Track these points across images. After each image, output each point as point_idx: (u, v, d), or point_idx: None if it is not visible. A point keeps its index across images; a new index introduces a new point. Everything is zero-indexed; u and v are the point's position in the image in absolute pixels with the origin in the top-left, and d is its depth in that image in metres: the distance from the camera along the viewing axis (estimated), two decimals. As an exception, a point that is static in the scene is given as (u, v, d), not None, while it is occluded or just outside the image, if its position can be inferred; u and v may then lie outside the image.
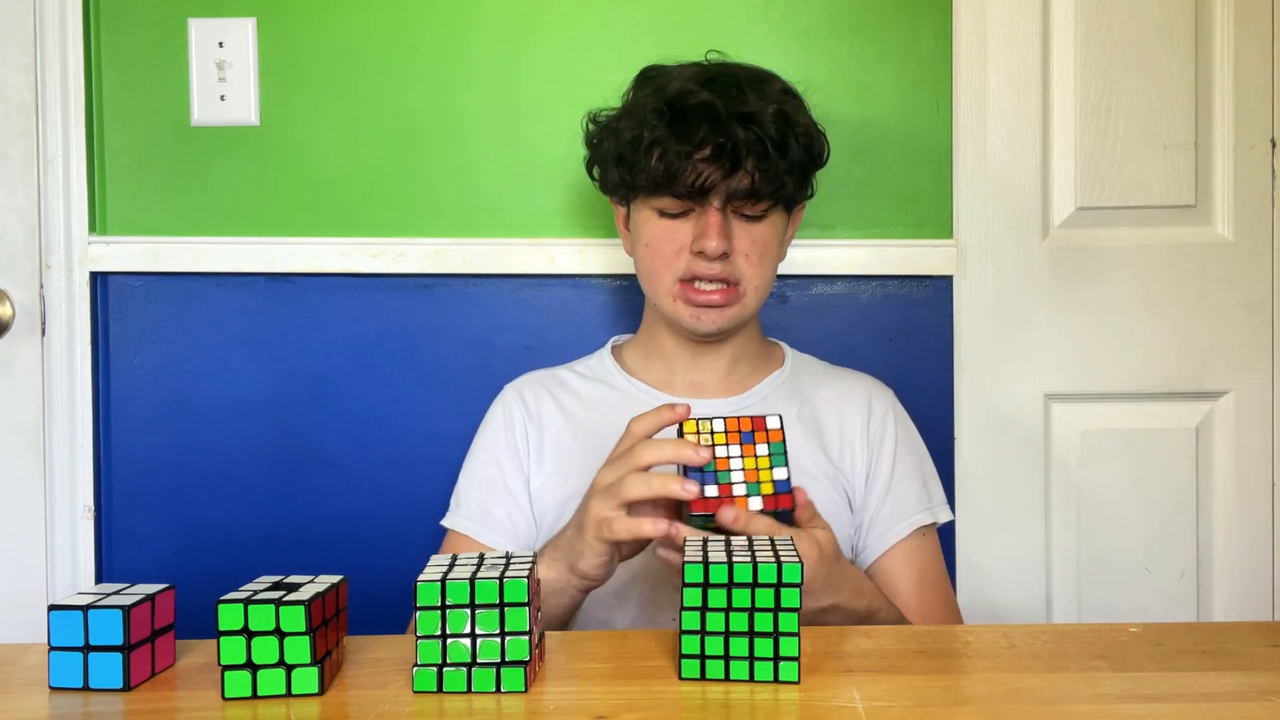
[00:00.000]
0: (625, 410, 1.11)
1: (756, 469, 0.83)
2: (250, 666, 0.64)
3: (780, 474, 0.83)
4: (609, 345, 1.20)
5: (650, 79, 1.09)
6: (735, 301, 1.05)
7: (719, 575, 0.65)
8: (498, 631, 0.64)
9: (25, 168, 1.31)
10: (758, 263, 1.05)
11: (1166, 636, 0.74)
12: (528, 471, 1.11)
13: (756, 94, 1.03)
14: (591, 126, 1.13)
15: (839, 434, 1.10)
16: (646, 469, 0.84)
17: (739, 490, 0.82)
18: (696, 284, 1.04)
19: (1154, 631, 0.75)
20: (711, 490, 0.82)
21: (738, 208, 1.03)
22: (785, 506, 0.83)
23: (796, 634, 0.65)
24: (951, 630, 0.79)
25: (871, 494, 1.09)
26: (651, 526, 0.82)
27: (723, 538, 0.73)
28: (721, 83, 1.04)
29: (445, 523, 1.12)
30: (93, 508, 1.32)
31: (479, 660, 0.64)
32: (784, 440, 0.84)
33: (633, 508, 0.84)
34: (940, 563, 1.11)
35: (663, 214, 1.05)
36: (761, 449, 0.84)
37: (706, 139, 1.00)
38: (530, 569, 0.66)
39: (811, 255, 1.33)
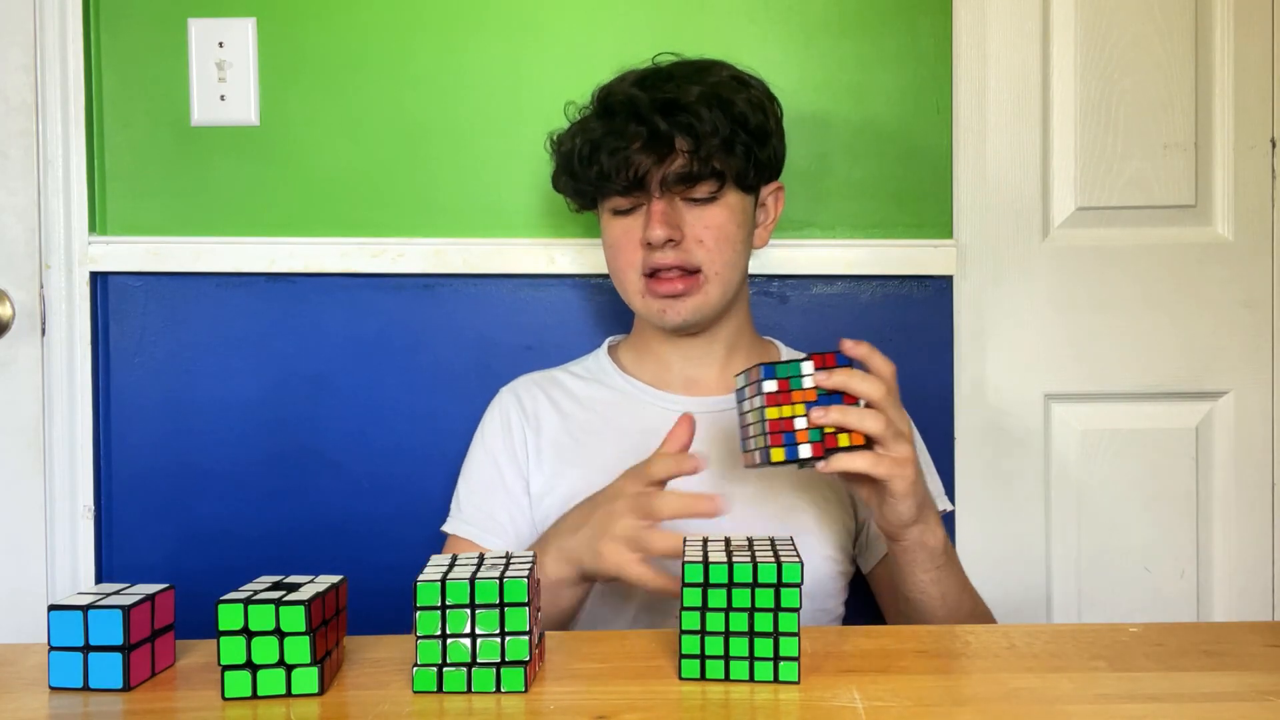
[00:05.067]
0: (622, 409, 1.12)
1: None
2: (250, 666, 0.64)
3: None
4: (605, 345, 1.20)
5: (594, 92, 1.12)
6: (697, 289, 1.05)
7: (719, 575, 0.65)
8: (498, 631, 0.64)
9: (25, 168, 1.31)
10: (715, 247, 1.05)
11: (1166, 636, 0.74)
12: (527, 474, 1.11)
13: (691, 82, 1.05)
14: (552, 146, 1.16)
15: None
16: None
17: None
18: (658, 275, 1.06)
19: (1154, 631, 0.75)
20: (805, 450, 0.83)
21: (682, 193, 1.04)
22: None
23: (796, 634, 0.65)
24: (951, 630, 0.79)
25: None
26: (660, 580, 0.86)
27: (723, 538, 0.73)
28: (653, 77, 1.07)
29: (446, 528, 1.12)
30: (92, 507, 1.32)
31: (479, 660, 0.64)
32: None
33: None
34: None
35: (616, 213, 1.07)
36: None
37: (635, 132, 1.03)
38: (530, 569, 0.66)
39: (811, 255, 1.33)
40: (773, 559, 0.65)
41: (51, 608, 0.67)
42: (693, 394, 1.12)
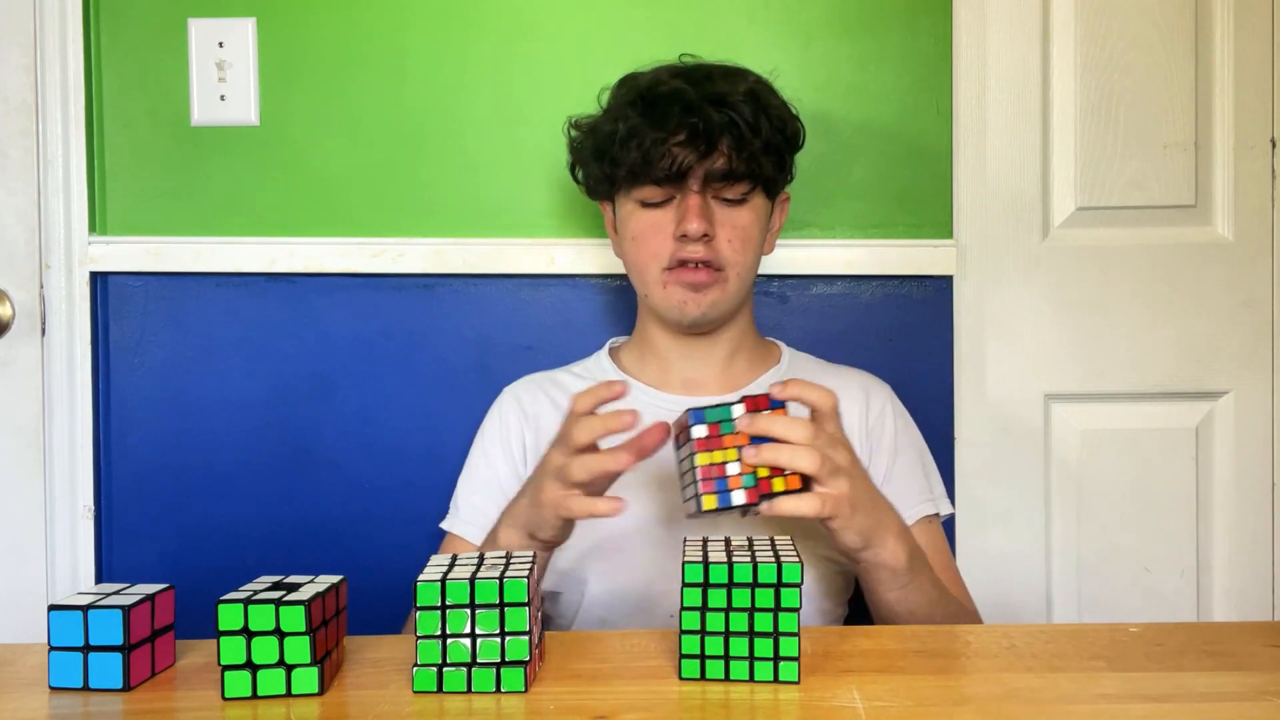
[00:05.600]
0: (620, 409, 1.12)
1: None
2: (250, 666, 0.64)
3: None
4: (606, 347, 1.20)
5: (625, 81, 1.11)
6: (717, 284, 1.06)
7: (719, 575, 0.65)
8: (498, 631, 0.64)
9: (25, 168, 1.31)
10: (740, 248, 1.06)
11: (1166, 636, 0.74)
12: (523, 474, 1.11)
13: (727, 81, 1.06)
14: (573, 132, 1.15)
15: None
16: (588, 448, 0.85)
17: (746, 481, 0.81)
18: (683, 265, 1.05)
19: (1154, 631, 0.75)
20: (739, 497, 0.80)
21: (717, 191, 1.05)
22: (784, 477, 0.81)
23: (796, 634, 0.65)
24: (951, 630, 0.79)
25: None
26: (606, 506, 0.84)
27: (723, 537, 0.73)
28: (693, 73, 1.07)
29: (444, 525, 1.13)
30: (92, 507, 1.32)
31: (479, 660, 0.64)
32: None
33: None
34: (947, 549, 1.11)
35: (645, 204, 1.06)
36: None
37: (680, 123, 1.02)
38: (530, 569, 0.66)
39: (811, 255, 1.33)
40: (773, 559, 0.65)
41: (51, 608, 0.67)
42: (692, 394, 1.12)
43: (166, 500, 1.34)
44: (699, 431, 0.80)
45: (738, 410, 0.80)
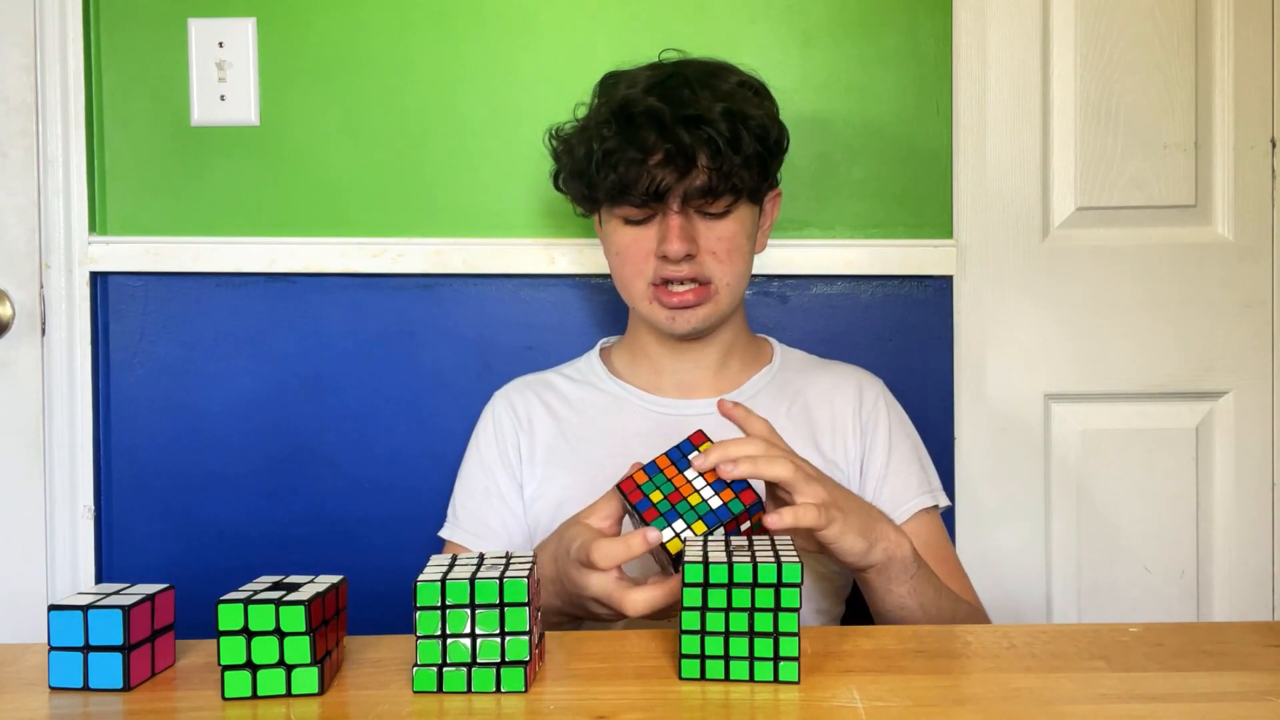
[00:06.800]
0: (614, 413, 1.12)
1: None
2: (250, 666, 0.64)
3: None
4: (597, 348, 1.20)
5: (605, 87, 1.09)
6: (708, 300, 1.05)
7: (719, 575, 0.65)
8: (498, 631, 0.64)
9: (25, 168, 1.31)
10: (726, 260, 1.04)
11: (1166, 636, 0.74)
12: (520, 478, 1.11)
13: (707, 91, 1.03)
14: (554, 143, 1.13)
15: (830, 426, 1.10)
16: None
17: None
18: (668, 286, 1.04)
19: (1154, 631, 0.75)
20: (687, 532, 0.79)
21: (699, 207, 1.03)
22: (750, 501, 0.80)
23: (796, 634, 0.65)
24: (951, 630, 0.79)
25: (869, 481, 1.08)
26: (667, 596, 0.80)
27: (723, 538, 0.73)
28: (671, 84, 1.04)
29: (443, 534, 1.13)
30: (93, 508, 1.32)
31: (479, 660, 0.64)
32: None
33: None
34: (947, 541, 1.10)
35: (627, 221, 1.05)
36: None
37: (656, 145, 1.00)
38: (530, 569, 0.66)
39: (811, 255, 1.33)
40: (773, 559, 0.65)
41: (51, 608, 0.67)
42: (686, 397, 1.12)
43: (166, 500, 1.34)
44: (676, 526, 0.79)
45: (696, 458, 0.81)
